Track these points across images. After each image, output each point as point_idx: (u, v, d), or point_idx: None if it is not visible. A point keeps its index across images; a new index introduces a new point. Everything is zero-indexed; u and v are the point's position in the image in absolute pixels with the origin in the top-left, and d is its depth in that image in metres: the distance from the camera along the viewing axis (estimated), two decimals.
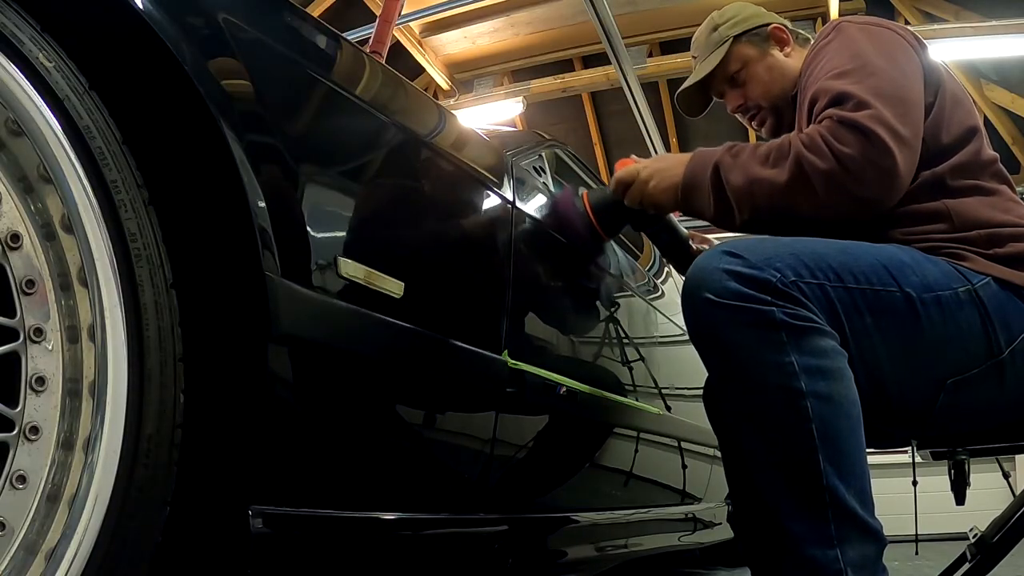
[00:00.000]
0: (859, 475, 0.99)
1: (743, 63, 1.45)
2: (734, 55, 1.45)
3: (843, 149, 1.08)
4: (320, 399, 0.91)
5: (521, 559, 1.32)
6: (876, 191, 1.10)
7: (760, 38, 1.45)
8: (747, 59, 1.45)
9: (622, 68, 4.71)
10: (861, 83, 1.13)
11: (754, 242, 1.08)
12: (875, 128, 1.08)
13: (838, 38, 1.24)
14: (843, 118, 1.10)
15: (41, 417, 0.68)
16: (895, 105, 1.11)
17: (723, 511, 2.59)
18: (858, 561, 0.96)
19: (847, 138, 1.09)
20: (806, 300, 1.01)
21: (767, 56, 1.44)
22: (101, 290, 0.70)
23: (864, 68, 1.16)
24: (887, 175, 1.09)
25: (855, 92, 1.11)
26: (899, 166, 1.09)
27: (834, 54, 1.21)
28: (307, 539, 0.87)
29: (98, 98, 0.73)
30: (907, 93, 1.14)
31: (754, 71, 1.45)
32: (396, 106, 1.10)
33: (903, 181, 1.11)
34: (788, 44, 1.45)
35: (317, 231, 0.90)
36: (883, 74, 1.15)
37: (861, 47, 1.20)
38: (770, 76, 1.43)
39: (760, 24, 1.46)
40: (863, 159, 1.08)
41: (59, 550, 0.66)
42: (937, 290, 1.06)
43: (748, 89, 1.46)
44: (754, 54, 1.45)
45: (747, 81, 1.45)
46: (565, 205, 1.54)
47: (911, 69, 1.19)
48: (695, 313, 1.05)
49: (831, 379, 0.99)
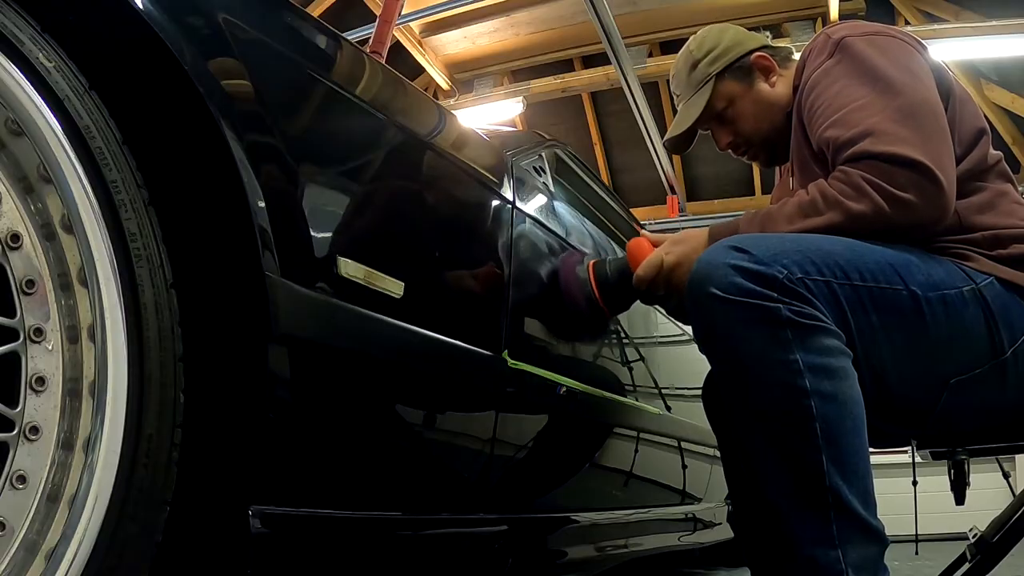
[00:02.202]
0: (862, 475, 0.98)
1: (728, 100, 1.40)
2: (719, 93, 1.40)
3: (894, 191, 1.05)
4: (320, 399, 0.91)
5: (521, 559, 1.32)
6: (932, 216, 1.07)
7: (744, 71, 1.40)
8: (733, 96, 1.40)
9: (622, 68, 4.71)
10: (888, 107, 1.09)
11: (760, 238, 1.06)
12: (921, 159, 1.05)
13: (847, 57, 1.19)
14: (883, 154, 1.06)
15: (41, 417, 0.68)
16: (927, 124, 1.09)
17: (723, 511, 2.59)
18: (859, 562, 0.96)
19: (895, 177, 1.05)
20: (812, 298, 1.00)
21: (752, 89, 1.39)
22: (101, 290, 0.70)
23: (888, 90, 1.12)
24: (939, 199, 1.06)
25: (886, 127, 1.08)
26: (946, 190, 1.06)
27: (847, 78, 1.16)
28: (307, 539, 0.87)
29: (98, 98, 0.73)
30: (933, 107, 1.12)
31: (741, 108, 1.40)
32: (396, 106, 1.10)
33: (952, 199, 1.08)
34: (773, 71, 1.39)
35: (317, 231, 0.90)
36: (907, 91, 1.11)
37: (874, 64, 1.15)
38: (758, 110, 1.39)
39: (742, 54, 1.40)
40: (915, 192, 1.05)
41: (59, 550, 0.66)
42: (943, 289, 1.06)
43: (737, 126, 1.41)
44: (739, 90, 1.39)
45: (735, 118, 1.41)
46: (568, 274, 1.45)
47: (926, 76, 1.16)
48: (700, 308, 1.04)
49: (836, 378, 0.98)
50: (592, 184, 2.16)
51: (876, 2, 5.26)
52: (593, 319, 1.54)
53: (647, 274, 1.28)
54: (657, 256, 1.27)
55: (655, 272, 1.27)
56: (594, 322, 1.65)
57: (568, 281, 1.44)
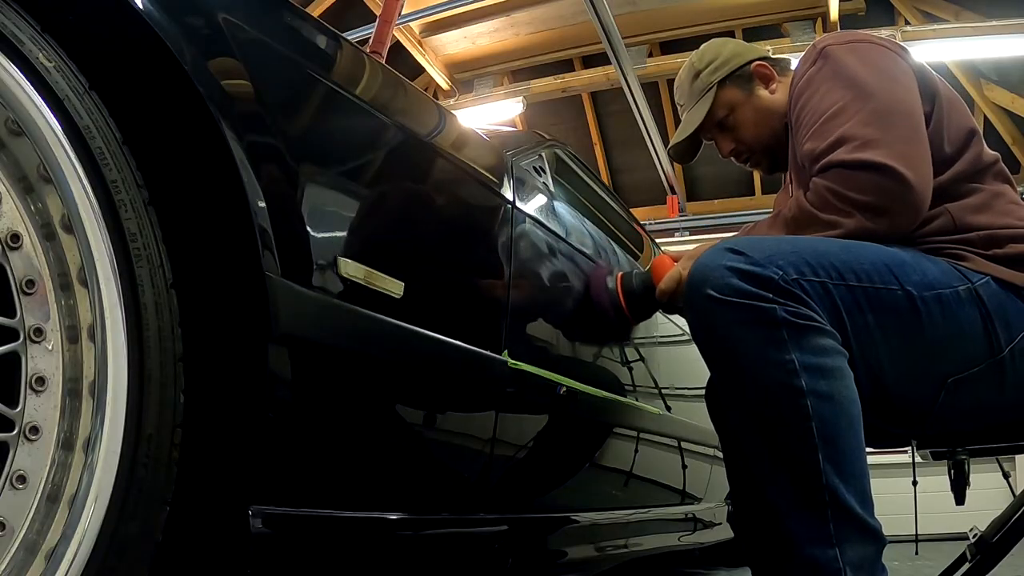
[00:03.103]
0: (859, 474, 0.99)
1: (730, 108, 1.45)
2: (720, 101, 1.45)
3: (857, 197, 1.09)
4: (320, 399, 0.91)
5: (521, 559, 1.32)
6: (901, 213, 1.10)
7: (744, 79, 1.44)
8: (734, 103, 1.44)
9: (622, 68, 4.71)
10: (861, 111, 1.13)
11: (757, 240, 1.08)
12: (884, 161, 1.08)
13: (827, 65, 1.23)
14: (848, 161, 1.10)
15: (41, 417, 0.68)
16: (899, 124, 1.11)
17: (723, 511, 2.59)
18: (857, 561, 0.96)
19: (858, 182, 1.09)
20: (808, 298, 1.01)
21: (753, 97, 1.43)
22: (101, 290, 0.70)
23: (862, 94, 1.15)
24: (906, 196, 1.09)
25: (855, 132, 1.11)
26: (915, 188, 1.08)
27: (827, 85, 1.21)
28: (307, 539, 0.87)
29: (98, 98, 0.73)
30: (909, 108, 1.14)
31: (742, 115, 1.44)
32: (396, 106, 1.10)
33: (925, 197, 1.11)
34: (773, 80, 1.44)
35: (317, 231, 0.90)
36: (881, 94, 1.15)
37: (853, 71, 1.19)
38: (758, 117, 1.43)
39: (742, 64, 1.45)
40: (881, 197, 1.09)
41: (59, 550, 0.66)
42: (938, 288, 1.06)
43: (738, 133, 1.46)
44: (740, 97, 1.44)
45: (736, 126, 1.45)
46: (598, 286, 1.57)
47: (906, 80, 1.19)
48: (697, 310, 1.05)
49: (831, 378, 0.99)
50: (592, 184, 2.16)
51: (876, 2, 5.26)
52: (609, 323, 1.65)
53: (668, 287, 1.37)
54: (676, 271, 1.35)
55: (675, 285, 1.35)
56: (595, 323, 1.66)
57: (599, 291, 1.58)
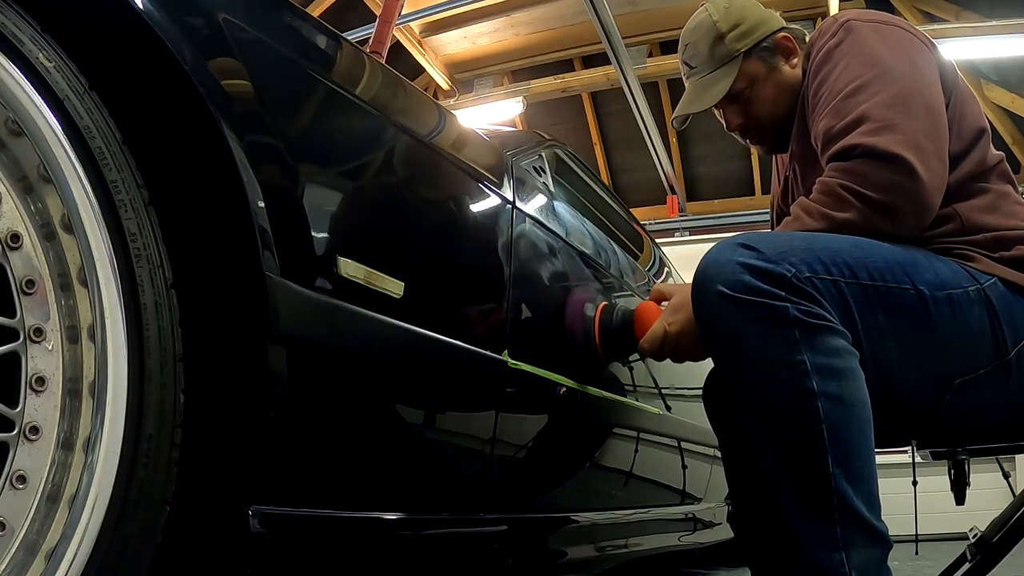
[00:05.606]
0: (867, 478, 0.97)
1: (750, 82, 1.34)
2: (743, 73, 1.34)
3: (868, 194, 1.05)
4: (320, 399, 0.91)
5: (521, 559, 1.31)
6: (913, 218, 1.07)
7: (769, 51, 1.34)
8: (755, 77, 1.34)
9: (622, 68, 4.71)
10: (881, 93, 1.09)
11: (768, 235, 1.05)
12: (900, 152, 1.04)
13: (849, 39, 1.18)
14: (864, 148, 1.05)
15: (41, 417, 0.68)
16: (921, 116, 1.08)
17: (723, 511, 2.59)
18: (863, 565, 0.95)
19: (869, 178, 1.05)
20: (820, 297, 0.99)
21: (775, 72, 1.34)
22: (101, 290, 0.70)
23: (884, 76, 1.10)
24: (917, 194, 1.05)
25: (875, 113, 1.07)
26: (927, 187, 1.05)
27: (847, 60, 1.15)
28: (307, 539, 0.87)
29: (98, 98, 0.73)
30: (931, 101, 1.10)
31: (761, 90, 1.34)
32: (396, 106, 1.10)
33: (936, 198, 1.08)
34: (795, 54, 1.34)
35: (317, 231, 0.90)
36: (905, 80, 1.10)
37: (876, 50, 1.14)
38: (777, 94, 1.34)
39: (768, 33, 1.35)
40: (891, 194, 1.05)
41: (59, 550, 0.66)
42: (949, 288, 1.05)
43: (753, 108, 1.36)
44: (762, 72, 1.34)
45: (753, 100, 1.35)
46: (575, 312, 1.46)
47: (928, 72, 1.15)
48: (706, 306, 1.02)
49: (843, 379, 0.97)
50: (592, 184, 2.16)
51: (876, 2, 5.26)
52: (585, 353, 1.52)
53: (651, 347, 1.26)
54: (660, 328, 1.25)
55: (659, 345, 1.25)
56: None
57: (574, 316, 1.45)
